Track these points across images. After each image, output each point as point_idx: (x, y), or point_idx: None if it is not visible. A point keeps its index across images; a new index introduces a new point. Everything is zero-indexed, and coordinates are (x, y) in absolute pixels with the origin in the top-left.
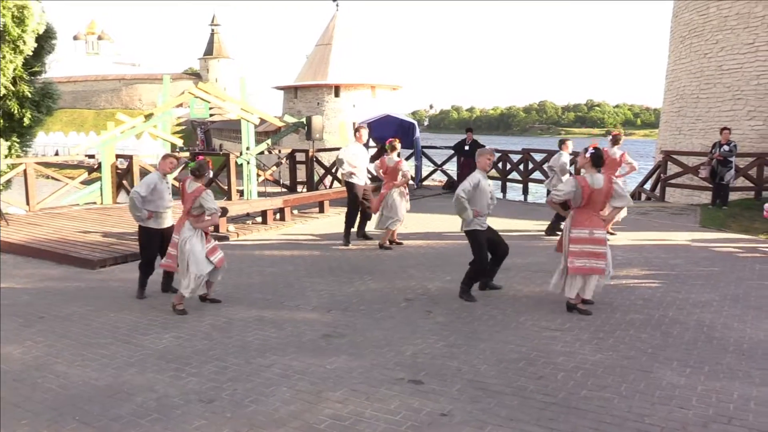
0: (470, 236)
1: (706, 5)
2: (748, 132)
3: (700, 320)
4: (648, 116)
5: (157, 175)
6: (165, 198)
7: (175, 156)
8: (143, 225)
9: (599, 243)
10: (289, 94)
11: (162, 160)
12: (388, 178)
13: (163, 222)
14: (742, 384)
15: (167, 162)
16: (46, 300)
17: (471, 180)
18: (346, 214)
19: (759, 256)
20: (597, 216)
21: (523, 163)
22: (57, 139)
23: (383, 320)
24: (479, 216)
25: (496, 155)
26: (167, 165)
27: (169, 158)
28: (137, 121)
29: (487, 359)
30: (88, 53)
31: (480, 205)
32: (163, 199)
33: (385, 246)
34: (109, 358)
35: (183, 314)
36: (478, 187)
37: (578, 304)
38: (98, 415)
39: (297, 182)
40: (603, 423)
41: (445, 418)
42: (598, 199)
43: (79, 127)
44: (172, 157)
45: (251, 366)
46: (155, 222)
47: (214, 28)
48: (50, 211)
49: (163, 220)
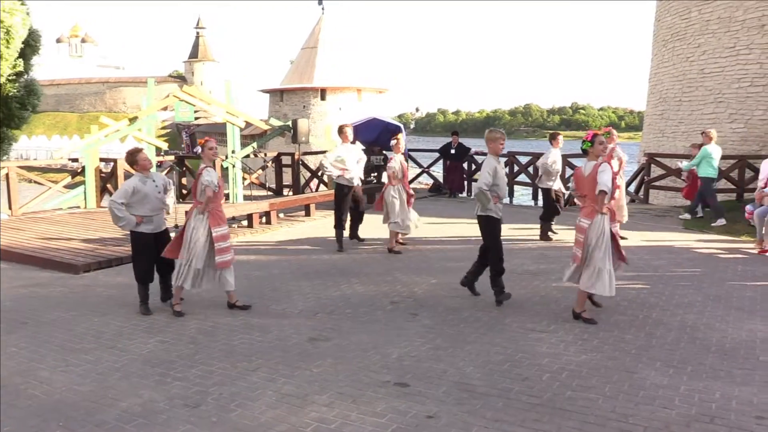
0: (484, 221)
1: (688, 9)
2: (730, 134)
3: (684, 321)
4: (632, 119)
5: (137, 177)
6: (152, 199)
7: (139, 149)
8: (134, 230)
9: (580, 231)
10: (275, 97)
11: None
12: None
13: (156, 225)
14: (724, 384)
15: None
16: (29, 305)
17: (488, 169)
18: (335, 218)
19: (741, 257)
20: (587, 206)
21: (508, 166)
22: (40, 142)
23: (369, 323)
24: (498, 202)
25: (481, 158)
26: (145, 163)
27: (138, 154)
28: (121, 124)
29: (473, 361)
30: (72, 56)
31: (500, 191)
32: (150, 201)
33: (392, 250)
34: (94, 363)
35: (180, 316)
36: (497, 174)
37: (583, 313)
38: (83, 421)
39: (283, 185)
40: (587, 423)
41: (431, 420)
42: (586, 187)
43: (62, 130)
44: (141, 152)
45: (237, 370)
46: (146, 226)
47: (199, 31)
48: (33, 216)
49: (155, 223)
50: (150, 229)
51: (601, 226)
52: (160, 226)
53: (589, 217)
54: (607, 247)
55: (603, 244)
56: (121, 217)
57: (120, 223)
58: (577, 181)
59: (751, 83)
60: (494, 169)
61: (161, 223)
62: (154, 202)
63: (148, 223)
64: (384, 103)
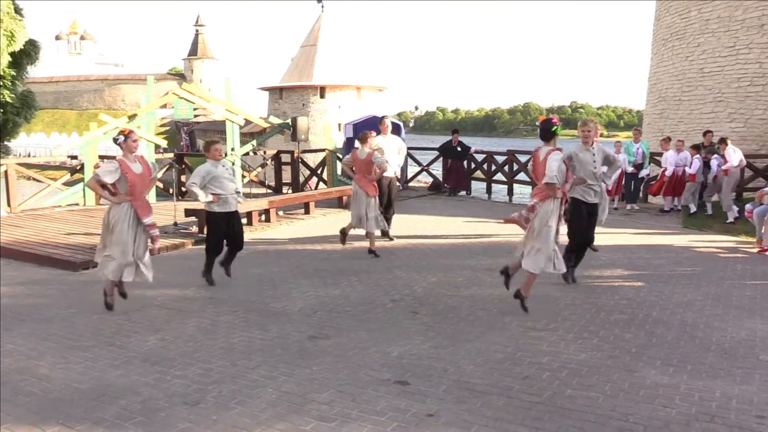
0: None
1: (687, 9)
2: (729, 134)
3: (683, 320)
4: (631, 118)
5: (209, 163)
6: (223, 181)
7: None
8: (208, 210)
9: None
10: (274, 95)
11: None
12: (360, 174)
13: (229, 206)
14: (724, 383)
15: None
16: (27, 302)
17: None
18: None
19: (740, 256)
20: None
21: (508, 164)
22: (39, 139)
23: (369, 322)
24: (581, 184)
25: (481, 156)
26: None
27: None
28: (120, 121)
29: (473, 360)
30: (71, 53)
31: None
32: (222, 183)
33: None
34: (93, 360)
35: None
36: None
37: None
38: (81, 419)
39: (282, 183)
40: (587, 422)
41: (431, 419)
42: (539, 172)
43: (61, 127)
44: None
45: (236, 368)
46: (219, 207)
47: (199, 28)
48: (32, 213)
49: (229, 204)
50: (223, 208)
51: (551, 209)
52: (232, 206)
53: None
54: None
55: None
56: (196, 192)
57: (198, 198)
58: (535, 164)
59: (750, 83)
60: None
61: (234, 204)
62: (225, 183)
63: (223, 204)
64: (383, 101)
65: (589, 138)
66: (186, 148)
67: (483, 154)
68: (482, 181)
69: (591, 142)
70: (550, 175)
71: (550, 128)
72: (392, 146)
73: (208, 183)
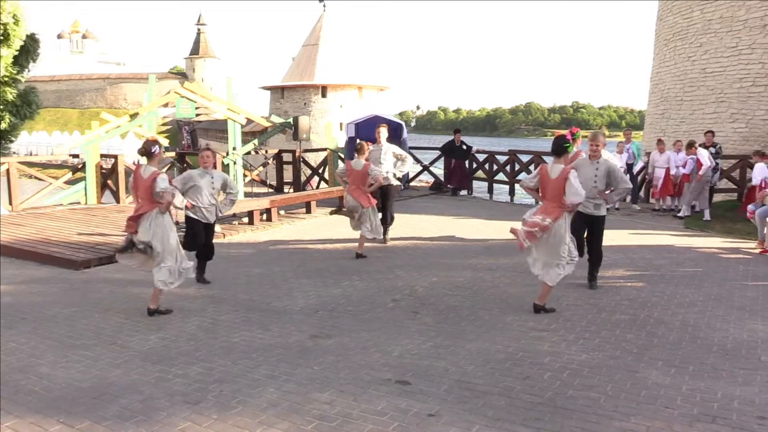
0: (603, 221)
1: (690, 9)
2: (731, 134)
3: (685, 320)
4: (632, 118)
5: (198, 170)
6: (203, 193)
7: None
8: (188, 215)
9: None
10: (276, 94)
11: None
12: (354, 185)
13: (205, 217)
14: (725, 383)
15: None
16: (28, 301)
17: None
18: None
19: (742, 257)
20: (555, 207)
21: (509, 164)
22: (40, 138)
23: (370, 321)
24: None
25: (482, 156)
26: (202, 159)
27: (203, 151)
28: (122, 120)
29: (474, 360)
30: (73, 52)
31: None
32: (201, 194)
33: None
34: (94, 359)
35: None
36: (580, 172)
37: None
38: (83, 417)
39: (284, 183)
40: (589, 422)
41: (432, 419)
42: (551, 189)
43: (63, 126)
44: (206, 150)
45: (237, 367)
46: (195, 214)
47: (201, 27)
48: (33, 212)
49: (205, 215)
50: (198, 217)
51: (564, 226)
52: (209, 218)
53: (552, 216)
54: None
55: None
56: (174, 194)
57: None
58: (543, 181)
59: (753, 83)
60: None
61: (210, 217)
62: (203, 196)
63: (198, 212)
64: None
65: (597, 152)
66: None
67: (484, 154)
68: (484, 180)
69: (599, 156)
70: (581, 193)
71: (563, 144)
72: (388, 155)
73: (188, 190)
